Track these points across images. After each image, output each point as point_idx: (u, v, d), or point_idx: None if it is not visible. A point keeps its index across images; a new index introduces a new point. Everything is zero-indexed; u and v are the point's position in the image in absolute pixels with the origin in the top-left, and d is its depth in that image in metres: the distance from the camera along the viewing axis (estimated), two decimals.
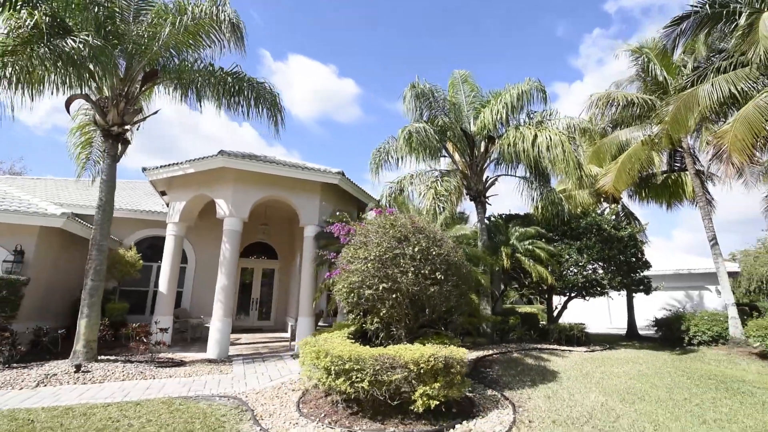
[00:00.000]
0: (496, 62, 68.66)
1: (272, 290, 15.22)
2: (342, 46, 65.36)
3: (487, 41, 63.82)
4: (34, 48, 5.42)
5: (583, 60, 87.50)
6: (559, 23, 72.73)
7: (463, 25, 61.79)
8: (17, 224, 8.21)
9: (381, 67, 70.62)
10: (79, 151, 9.80)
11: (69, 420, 4.30)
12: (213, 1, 7.18)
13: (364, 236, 5.72)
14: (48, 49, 5.50)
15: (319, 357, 4.55)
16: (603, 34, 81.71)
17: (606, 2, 72.00)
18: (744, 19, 8.43)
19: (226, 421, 4.41)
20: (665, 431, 4.45)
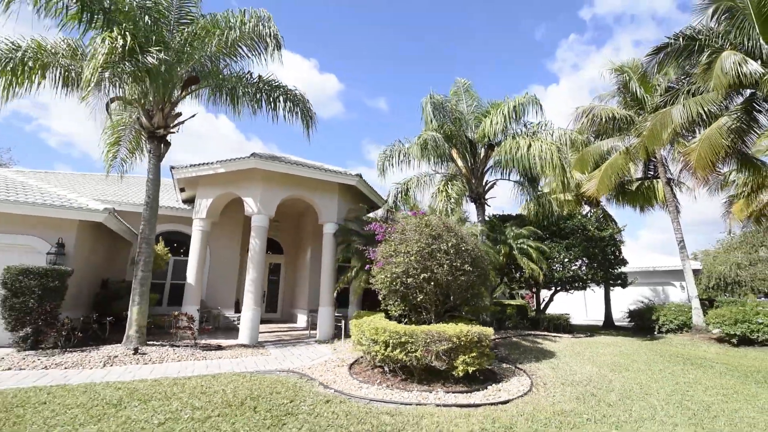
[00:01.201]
0: (475, 63, 70.63)
1: (278, 284, 15.91)
2: (323, 41, 65.67)
3: (468, 42, 65.62)
4: (124, 63, 6.05)
5: (560, 64, 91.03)
6: (537, 28, 75.51)
7: (444, 25, 63.24)
8: (58, 218, 8.66)
9: (363, 64, 71.29)
10: (107, 149, 10.25)
11: (165, 388, 5.06)
12: (258, 18, 7.91)
13: (401, 234, 6.69)
14: (132, 63, 6.13)
15: (378, 333, 5.51)
16: (578, 39, 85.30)
17: (581, 9, 75.19)
18: (705, 58, 9.87)
19: (300, 386, 5.30)
20: (648, 389, 5.66)
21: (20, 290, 7.43)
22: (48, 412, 4.01)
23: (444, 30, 63.81)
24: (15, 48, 7.02)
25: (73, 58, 7.90)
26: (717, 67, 9.41)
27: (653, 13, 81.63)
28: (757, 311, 10.25)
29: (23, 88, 7.49)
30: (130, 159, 10.76)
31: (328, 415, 4.15)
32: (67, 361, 6.66)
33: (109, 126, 9.93)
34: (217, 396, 4.69)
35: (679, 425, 4.20)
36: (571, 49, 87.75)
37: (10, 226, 8.38)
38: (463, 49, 67.52)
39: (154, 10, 7.87)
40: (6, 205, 8.05)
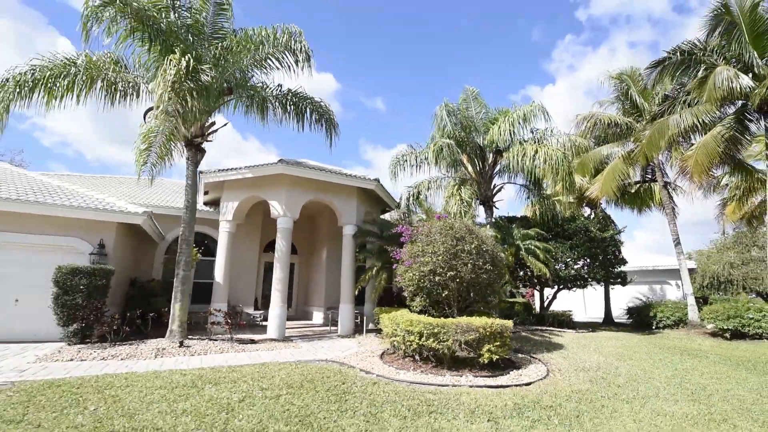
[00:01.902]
0: (472, 63, 71.38)
1: (293, 282, 16.50)
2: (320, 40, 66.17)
3: (464, 42, 66.36)
4: (187, 81, 6.66)
5: (556, 65, 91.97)
6: (534, 28, 76.33)
7: (440, 25, 63.95)
8: (99, 221, 9.24)
9: (360, 63, 71.87)
10: (139, 155, 10.81)
11: (226, 374, 5.68)
12: (290, 33, 8.52)
13: (427, 236, 7.36)
14: (193, 82, 6.75)
15: (413, 325, 6.17)
16: (574, 40, 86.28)
17: (577, 10, 76.10)
18: (701, 72, 10.62)
19: (345, 372, 5.94)
20: (651, 374, 6.36)
21: (70, 288, 8.02)
22: (137, 393, 4.63)
23: (440, 30, 64.51)
24: (71, 63, 7.60)
25: (117, 72, 8.50)
26: (710, 82, 10.15)
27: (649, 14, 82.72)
28: (748, 307, 11.02)
29: (74, 98, 8.08)
30: (159, 164, 11.34)
31: (380, 393, 4.81)
32: (121, 353, 7.25)
33: (142, 134, 10.50)
34: (276, 379, 5.33)
35: (680, 401, 4.89)
36: (567, 50, 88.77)
37: (55, 228, 8.95)
38: (460, 49, 68.25)
39: (194, 27, 8.47)
40: (53, 209, 8.63)
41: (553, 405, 4.57)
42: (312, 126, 9.78)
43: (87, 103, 8.46)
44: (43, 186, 10.00)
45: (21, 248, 8.81)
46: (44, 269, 8.85)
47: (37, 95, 7.61)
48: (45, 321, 8.62)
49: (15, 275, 8.68)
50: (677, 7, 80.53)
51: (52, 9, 56.39)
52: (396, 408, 4.28)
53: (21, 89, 7.27)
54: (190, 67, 6.59)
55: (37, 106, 7.87)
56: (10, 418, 3.75)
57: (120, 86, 8.53)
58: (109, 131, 66.72)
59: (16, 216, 8.59)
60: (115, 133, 67.47)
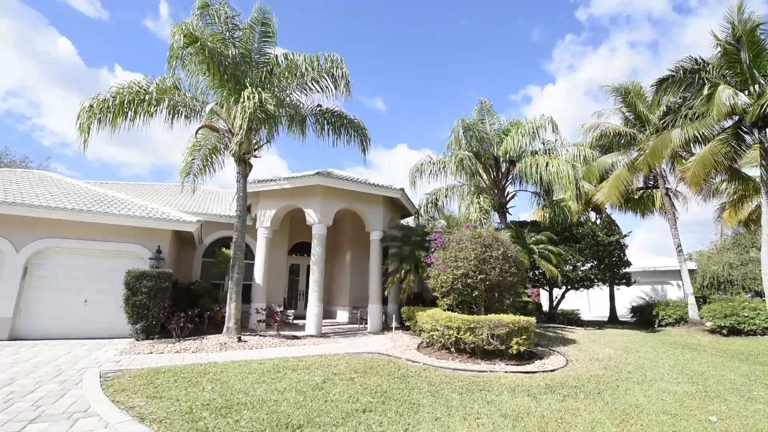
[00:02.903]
0: (473, 63, 72.33)
1: None
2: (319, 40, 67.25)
3: (464, 42, 67.33)
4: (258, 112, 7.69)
5: (556, 65, 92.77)
6: (534, 27, 77.15)
7: (439, 25, 64.97)
8: (157, 229, 10.25)
9: (359, 64, 72.90)
10: (184, 167, 11.81)
11: (295, 363, 6.67)
12: (332, 61, 9.52)
13: (458, 243, 8.35)
14: (261, 111, 7.77)
15: (452, 320, 7.17)
16: (574, 40, 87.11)
17: (577, 10, 76.88)
18: (707, 90, 11.62)
19: (394, 361, 6.93)
20: (656, 363, 7.35)
21: (138, 290, 9.02)
22: (236, 377, 5.62)
23: (440, 30, 65.51)
24: (144, 91, 8.62)
25: (177, 96, 9.52)
26: (717, 98, 11.05)
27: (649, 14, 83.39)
28: (743, 306, 12.00)
29: (141, 119, 9.10)
30: (200, 175, 12.34)
31: (433, 377, 5.80)
32: (190, 347, 8.24)
33: (189, 148, 11.51)
34: (341, 366, 6.33)
35: (681, 383, 5.88)
36: (568, 50, 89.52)
37: (119, 235, 9.96)
38: (460, 49, 69.23)
39: (245, 56, 9.47)
40: (122, 219, 9.65)
41: (577, 385, 5.56)
42: (347, 142, 10.76)
43: (151, 123, 9.48)
44: (100, 196, 11.00)
45: (89, 254, 9.83)
46: (109, 273, 9.92)
47: (112, 117, 8.59)
48: (110, 319, 9.67)
49: (84, 278, 9.71)
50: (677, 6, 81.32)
51: (53, 9, 57.30)
52: (451, 387, 5.28)
53: (103, 112, 8.27)
54: (262, 100, 7.59)
55: (108, 126, 8.87)
56: (158, 394, 4.76)
57: (178, 108, 9.52)
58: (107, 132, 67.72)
59: (86, 225, 9.60)
60: (114, 134, 68.43)
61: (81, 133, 8.15)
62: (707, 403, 4.89)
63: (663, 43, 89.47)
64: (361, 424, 3.84)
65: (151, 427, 3.79)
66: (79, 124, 8.11)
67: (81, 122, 8.12)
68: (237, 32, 9.25)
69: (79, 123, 8.11)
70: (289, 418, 3.95)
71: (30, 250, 9.19)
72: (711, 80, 11.86)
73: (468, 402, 4.66)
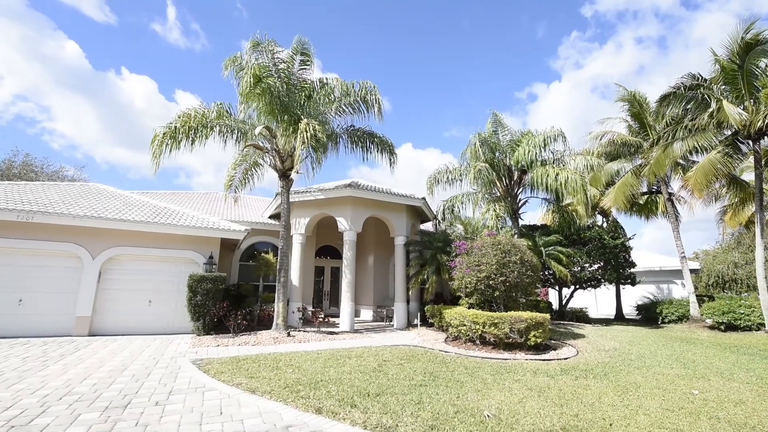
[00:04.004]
0: (477, 61, 73.09)
1: (339, 284, 18.74)
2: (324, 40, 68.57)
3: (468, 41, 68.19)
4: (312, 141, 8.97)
5: (562, 62, 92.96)
6: (538, 25, 77.63)
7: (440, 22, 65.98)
8: (210, 237, 11.55)
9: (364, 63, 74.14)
10: (228, 180, 13.09)
11: (347, 353, 7.89)
12: (366, 88, 10.74)
13: (480, 249, 9.53)
14: (313, 141, 9.06)
15: (478, 317, 8.36)
16: (580, 37, 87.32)
17: (583, 6, 77.20)
18: (714, 105, 12.69)
19: (428, 351, 8.13)
20: (655, 353, 8.47)
21: (198, 291, 10.30)
22: (306, 363, 6.86)
23: (443, 28, 66.49)
24: (204, 117, 9.92)
25: (228, 120, 10.80)
26: (726, 111, 12.04)
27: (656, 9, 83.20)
28: (739, 303, 13.03)
29: (200, 141, 10.39)
30: (241, 187, 13.63)
31: (467, 362, 7.00)
32: (248, 341, 9.52)
33: (231, 164, 12.79)
34: (386, 355, 7.55)
35: (675, 368, 7.02)
36: (573, 47, 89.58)
37: (177, 243, 11.27)
38: (464, 47, 70.08)
39: (287, 84, 10.72)
40: (180, 229, 10.96)
41: (587, 369, 6.72)
42: (376, 157, 11.98)
43: (206, 144, 10.76)
44: (158, 208, 12.33)
45: (150, 260, 11.16)
46: (168, 276, 11.25)
47: (177, 142, 9.88)
48: (169, 317, 10.99)
49: (149, 281, 11.04)
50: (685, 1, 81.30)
51: (60, 13, 59.05)
52: (483, 369, 6.48)
53: (172, 138, 9.58)
54: (316, 130, 8.85)
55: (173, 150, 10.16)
56: (252, 375, 6.01)
57: (231, 130, 10.80)
58: (115, 134, 69.62)
59: (149, 234, 10.92)
60: (122, 136, 70.36)
61: (154, 158, 9.47)
62: (693, 382, 6.03)
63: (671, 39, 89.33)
64: (422, 394, 5.05)
65: (263, 397, 5.03)
66: (152, 150, 9.42)
67: (154, 149, 9.43)
68: (281, 64, 10.48)
69: (153, 150, 9.42)
70: (366, 389, 5.17)
71: (103, 258, 10.52)
72: (713, 96, 12.91)
73: (499, 380, 5.85)
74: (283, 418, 4.26)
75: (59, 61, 57.34)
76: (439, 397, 4.90)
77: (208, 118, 10.03)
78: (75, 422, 4.09)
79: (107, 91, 66.26)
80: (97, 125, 65.90)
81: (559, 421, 4.16)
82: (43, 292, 9.96)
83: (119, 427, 3.98)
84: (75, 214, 10.02)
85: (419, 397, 4.87)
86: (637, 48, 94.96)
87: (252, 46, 9.94)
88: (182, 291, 10.89)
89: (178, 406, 4.66)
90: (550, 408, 4.58)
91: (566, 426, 4.01)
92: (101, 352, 7.95)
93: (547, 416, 4.30)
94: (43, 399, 4.83)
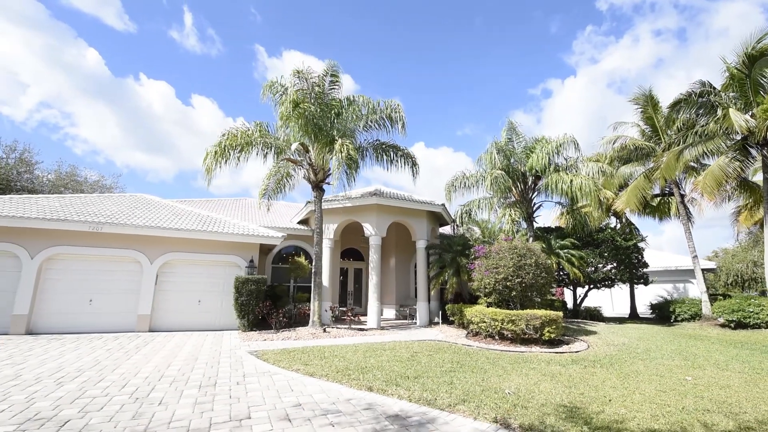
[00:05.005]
0: (490, 59, 73.22)
1: (361, 284, 19.88)
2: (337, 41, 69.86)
3: (478, 37, 68.41)
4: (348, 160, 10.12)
5: (576, 57, 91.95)
6: (551, 20, 77.10)
7: (453, 19, 66.45)
8: (250, 243, 12.78)
9: (375, 63, 75.17)
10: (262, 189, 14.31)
11: (380, 346, 8.95)
12: (391, 107, 11.79)
13: (498, 253, 10.46)
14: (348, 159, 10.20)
15: (497, 314, 9.31)
16: (595, 31, 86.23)
17: (598, 0, 76.28)
18: (720, 112, 13.30)
19: (452, 345, 9.13)
20: (661, 348, 9.26)
21: (243, 292, 11.53)
22: (348, 353, 7.94)
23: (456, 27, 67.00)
24: (250, 135, 11.16)
25: (268, 137, 12.01)
26: (732, 118, 12.65)
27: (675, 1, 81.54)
28: (749, 302, 13.56)
29: (244, 156, 11.62)
30: (274, 196, 14.85)
31: (488, 353, 7.97)
32: (290, 336, 10.68)
33: (266, 175, 14.01)
34: (415, 348, 8.58)
35: (675, 359, 7.83)
36: (589, 41, 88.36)
37: (222, 249, 12.53)
38: (476, 46, 70.39)
39: (320, 103, 11.84)
40: (225, 236, 12.21)
41: (595, 360, 7.61)
42: (400, 168, 13.01)
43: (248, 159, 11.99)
44: (203, 217, 13.65)
45: (198, 264, 12.45)
46: (215, 278, 12.53)
47: (226, 158, 11.12)
48: (217, 315, 12.26)
49: (198, 283, 12.34)
50: None
51: (82, 22, 61.92)
52: (503, 359, 7.44)
53: (222, 153, 10.84)
54: (350, 150, 9.98)
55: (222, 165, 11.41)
56: (306, 362, 7.12)
57: (269, 147, 12.00)
58: (135, 139, 72.32)
59: (197, 241, 12.21)
60: (141, 140, 73.05)
61: (207, 173, 10.74)
62: (689, 371, 6.87)
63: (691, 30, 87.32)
64: (452, 377, 6.06)
65: (321, 379, 6.12)
66: (206, 166, 10.70)
67: (207, 165, 10.71)
68: (316, 88, 11.62)
69: (206, 165, 10.70)
70: (405, 373, 6.22)
71: (160, 262, 11.85)
72: (720, 104, 13.50)
73: (517, 368, 6.82)
74: (342, 393, 5.34)
75: (80, 69, 60.21)
76: (467, 380, 5.91)
77: (252, 137, 11.24)
78: (182, 396, 5.24)
79: (126, 97, 69.12)
80: (117, 130, 68.74)
81: (567, 397, 5.12)
82: (109, 293, 11.34)
83: (217, 399, 5.11)
84: (137, 224, 11.37)
85: (450, 379, 5.89)
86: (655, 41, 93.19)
87: (295, 74, 11.10)
88: (227, 291, 12.19)
89: (255, 385, 5.79)
90: (560, 389, 5.54)
91: (573, 401, 4.96)
92: (168, 345, 9.21)
93: (557, 394, 5.26)
94: (145, 380, 6.03)
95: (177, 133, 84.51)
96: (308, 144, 11.90)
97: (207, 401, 4.99)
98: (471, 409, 4.56)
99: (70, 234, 10.99)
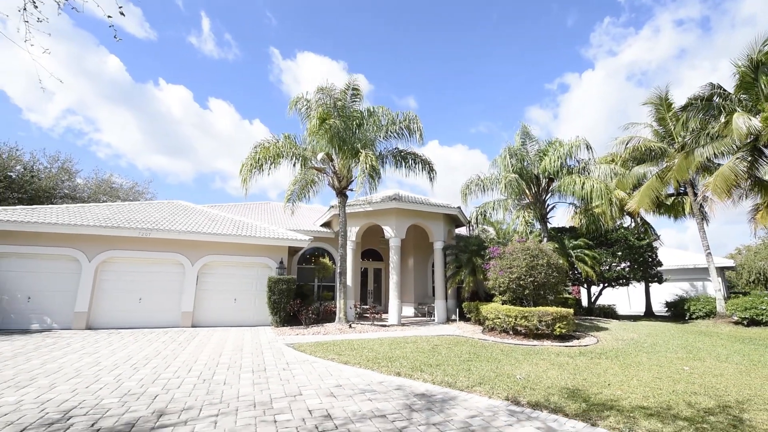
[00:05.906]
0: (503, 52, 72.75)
1: (380, 283, 20.79)
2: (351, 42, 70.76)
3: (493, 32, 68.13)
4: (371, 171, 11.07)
5: (594, 50, 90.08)
6: (568, 12, 75.92)
7: (468, 14, 66.43)
8: (280, 246, 13.83)
9: (390, 62, 75.77)
10: (288, 194, 15.35)
11: (403, 339, 9.82)
12: (409, 118, 12.63)
13: (511, 254, 11.18)
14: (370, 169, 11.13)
15: (511, 311, 10.06)
16: (614, 23, 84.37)
17: None
18: (723, 118, 13.64)
19: (469, 339, 9.92)
20: (667, 343, 9.82)
21: (275, 291, 12.56)
22: (375, 346, 8.84)
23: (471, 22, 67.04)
24: (279, 147, 12.19)
25: (296, 148, 13.02)
26: (733, 124, 13.03)
27: None
28: (762, 300, 13.84)
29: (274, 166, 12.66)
30: (298, 200, 15.86)
31: (503, 346, 8.74)
32: (319, 331, 11.66)
33: (292, 181, 15.03)
34: (435, 341, 9.41)
35: (679, 353, 8.43)
36: (607, 33, 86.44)
37: (255, 251, 13.62)
38: (492, 41, 70.18)
39: (342, 115, 12.76)
40: (259, 240, 13.29)
41: (602, 353, 8.29)
42: (417, 173, 13.83)
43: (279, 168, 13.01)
44: (236, 222, 14.78)
45: (233, 265, 13.57)
46: (249, 278, 13.62)
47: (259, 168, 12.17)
48: (251, 312, 13.34)
49: (233, 283, 13.46)
50: None
51: (103, 31, 64.30)
52: (516, 352, 8.21)
53: (256, 165, 11.90)
54: (373, 162, 10.91)
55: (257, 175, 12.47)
56: (339, 353, 8.05)
57: (297, 157, 13.02)
58: (155, 142, 74.81)
59: (232, 244, 13.32)
60: (161, 144, 75.53)
61: (243, 183, 11.82)
62: (689, 362, 7.50)
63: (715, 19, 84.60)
64: (470, 365, 6.88)
65: (355, 366, 7.03)
66: (242, 177, 11.78)
67: (243, 175, 11.79)
68: (339, 102, 12.55)
69: (243, 176, 11.78)
70: (428, 362, 7.07)
71: (200, 264, 13.02)
72: (726, 107, 13.83)
73: (528, 358, 7.58)
74: (375, 378, 6.23)
75: (103, 75, 62.84)
76: (483, 367, 6.72)
77: (282, 149, 12.27)
78: (240, 378, 6.23)
79: (146, 102, 71.67)
80: (139, 134, 71.29)
81: (571, 382, 5.87)
82: (156, 292, 12.56)
83: (271, 381, 6.07)
84: (180, 229, 12.56)
85: (468, 367, 6.71)
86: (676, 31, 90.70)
87: (319, 91, 12.08)
88: (260, 290, 13.28)
89: (298, 370, 6.74)
90: (566, 375, 6.29)
91: (575, 385, 5.72)
92: (213, 338, 10.30)
93: (563, 380, 6.02)
94: (205, 365, 7.06)
95: (195, 136, 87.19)
96: (332, 154, 12.84)
97: (262, 382, 5.95)
98: (486, 390, 5.38)
99: (122, 239, 12.24)
